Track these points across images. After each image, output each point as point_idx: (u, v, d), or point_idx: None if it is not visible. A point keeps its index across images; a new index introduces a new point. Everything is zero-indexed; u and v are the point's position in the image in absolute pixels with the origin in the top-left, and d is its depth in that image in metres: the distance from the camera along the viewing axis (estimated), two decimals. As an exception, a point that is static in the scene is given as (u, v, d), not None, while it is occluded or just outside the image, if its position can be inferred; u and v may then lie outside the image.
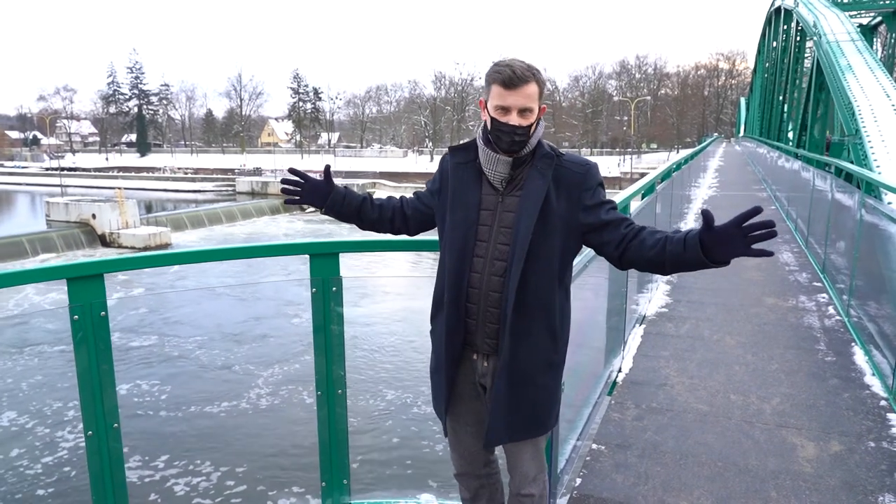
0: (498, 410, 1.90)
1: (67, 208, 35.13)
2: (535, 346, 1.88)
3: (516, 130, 1.82)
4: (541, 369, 1.90)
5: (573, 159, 1.91)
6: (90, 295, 2.17)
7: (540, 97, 1.86)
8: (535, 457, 2.04)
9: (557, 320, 1.90)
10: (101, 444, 2.25)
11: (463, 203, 1.91)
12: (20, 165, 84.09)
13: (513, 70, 1.79)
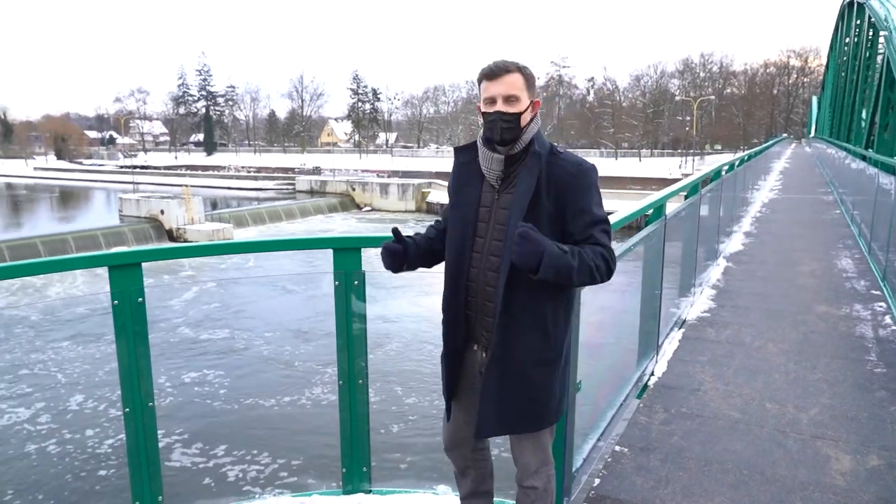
0: (487, 403, 1.96)
1: (138, 204, 36.90)
2: (526, 341, 1.92)
3: (503, 116, 1.86)
4: (533, 365, 1.94)
5: (569, 158, 1.93)
6: (129, 282, 2.34)
7: (528, 89, 1.90)
8: (536, 450, 2.08)
9: (549, 317, 1.93)
10: (137, 420, 2.42)
11: (463, 201, 1.99)
12: (97, 163, 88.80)
13: (494, 63, 1.89)
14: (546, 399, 2.00)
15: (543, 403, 2.00)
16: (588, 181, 1.91)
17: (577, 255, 1.82)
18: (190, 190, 37.32)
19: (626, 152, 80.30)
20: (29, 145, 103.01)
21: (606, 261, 1.87)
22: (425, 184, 46.85)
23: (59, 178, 75.06)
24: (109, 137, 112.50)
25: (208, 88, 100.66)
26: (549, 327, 1.94)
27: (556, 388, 2.02)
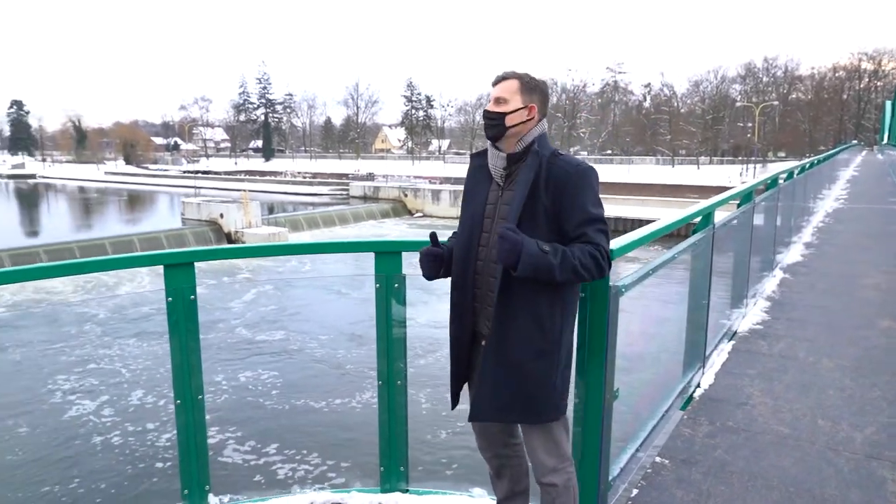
0: (482, 388, 2.08)
1: (199, 208, 38.29)
2: (521, 331, 2.03)
3: (486, 114, 2.09)
4: (529, 355, 2.03)
5: (568, 160, 2.05)
6: (182, 280, 2.47)
7: (523, 93, 2.07)
8: (547, 446, 2.14)
9: (545, 309, 2.03)
10: (188, 412, 2.54)
11: (473, 200, 2.17)
12: (162, 168, 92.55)
13: (497, 75, 2.12)
14: (543, 391, 2.06)
15: (540, 395, 2.06)
16: (584, 181, 2.01)
17: (561, 253, 1.93)
18: (248, 194, 38.51)
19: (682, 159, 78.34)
20: (100, 151, 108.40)
21: (595, 259, 1.95)
22: (477, 190, 46.94)
23: (128, 182, 78.63)
24: (174, 144, 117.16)
25: (267, 96, 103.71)
26: (545, 319, 2.03)
27: (556, 382, 2.08)
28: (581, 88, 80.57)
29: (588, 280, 2.00)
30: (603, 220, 2.02)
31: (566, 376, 2.13)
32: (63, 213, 53.48)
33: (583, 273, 1.95)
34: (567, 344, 2.12)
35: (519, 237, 1.92)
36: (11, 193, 70.65)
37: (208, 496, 2.71)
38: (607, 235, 2.04)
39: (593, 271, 1.96)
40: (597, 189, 2.04)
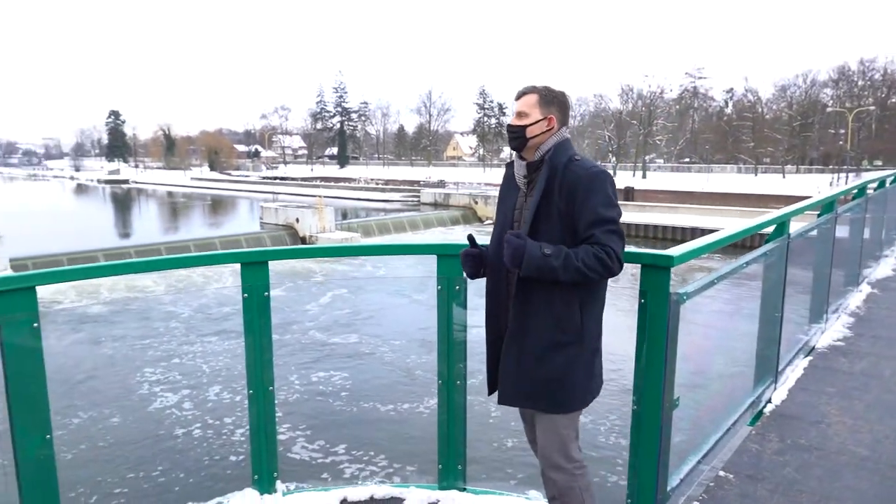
0: (505, 375, 2.26)
1: (277, 213, 39.78)
2: (538, 325, 2.18)
3: (508, 128, 2.28)
4: (547, 348, 2.17)
5: (582, 164, 2.18)
6: (257, 278, 2.63)
7: (542, 106, 2.24)
8: (552, 440, 2.24)
9: (559, 303, 2.16)
10: (259, 402, 2.70)
11: (504, 206, 2.36)
12: (243, 174, 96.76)
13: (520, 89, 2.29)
14: (564, 382, 2.18)
15: (560, 386, 2.19)
16: (594, 184, 2.13)
17: (564, 256, 2.08)
18: (323, 200, 39.67)
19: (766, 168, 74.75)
20: (187, 157, 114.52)
21: (601, 259, 2.07)
22: (547, 198, 46.41)
23: (211, 187, 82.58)
24: (255, 151, 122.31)
25: (343, 105, 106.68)
26: (560, 312, 2.16)
27: (575, 375, 2.19)
28: (658, 94, 78.20)
29: (596, 279, 2.11)
30: (613, 221, 2.12)
31: (591, 370, 2.23)
32: (153, 215, 56.78)
33: (588, 273, 2.07)
34: (590, 337, 2.21)
35: (522, 241, 2.11)
36: (108, 197, 75.60)
37: (276, 482, 2.86)
38: (619, 236, 2.12)
39: (599, 271, 2.07)
40: (609, 192, 2.14)
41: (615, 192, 2.18)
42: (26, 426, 2.31)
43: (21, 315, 2.25)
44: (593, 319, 2.23)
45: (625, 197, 47.17)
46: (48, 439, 2.38)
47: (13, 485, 2.37)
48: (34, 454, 2.35)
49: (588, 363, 2.22)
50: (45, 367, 2.35)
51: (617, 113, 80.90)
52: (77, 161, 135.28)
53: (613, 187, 2.17)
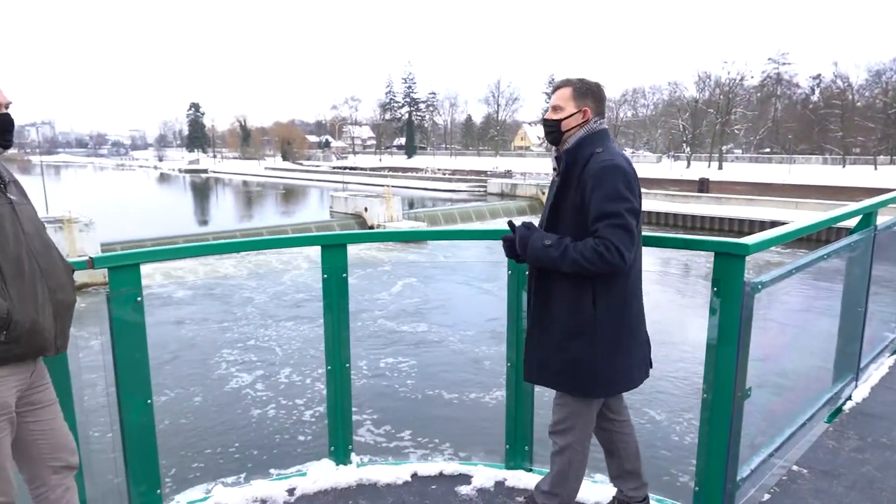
0: (530, 356, 2.41)
1: (346, 202, 40.72)
2: (553, 311, 2.30)
3: (545, 122, 2.35)
4: (563, 336, 2.28)
5: (599, 159, 2.21)
6: (336, 260, 2.78)
7: (576, 99, 2.29)
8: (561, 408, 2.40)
9: (573, 297, 2.24)
10: (336, 377, 2.85)
11: (548, 195, 2.44)
12: (314, 164, 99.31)
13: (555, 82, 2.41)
14: (578, 370, 2.27)
15: (576, 374, 2.29)
16: (603, 179, 2.16)
17: (563, 248, 2.17)
18: (391, 190, 40.29)
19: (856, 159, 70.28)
20: (262, 148, 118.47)
21: (599, 253, 2.12)
22: (617, 189, 45.35)
23: (284, 177, 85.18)
24: (325, 141, 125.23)
25: (412, 95, 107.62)
26: (575, 304, 2.24)
27: (592, 364, 2.26)
28: (738, 81, 74.62)
29: (596, 271, 2.16)
30: (617, 214, 2.13)
31: (611, 361, 2.28)
32: (229, 204, 59.22)
33: (586, 266, 2.14)
34: (606, 328, 2.25)
35: (528, 233, 2.27)
36: (188, 186, 79.31)
37: (351, 454, 3.02)
38: (623, 229, 2.14)
39: (597, 264, 2.13)
40: (617, 185, 2.15)
41: (628, 184, 2.17)
42: (131, 391, 2.55)
43: (127, 290, 2.48)
44: (610, 311, 2.25)
45: (699, 189, 45.54)
46: (149, 404, 2.61)
47: (119, 446, 2.62)
48: (137, 418, 2.59)
49: (605, 357, 2.26)
50: (146, 338, 2.58)
51: (692, 101, 77.85)
52: (160, 151, 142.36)
53: (626, 180, 2.17)
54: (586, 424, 2.40)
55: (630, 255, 2.16)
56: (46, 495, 2.12)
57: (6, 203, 1.97)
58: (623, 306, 2.29)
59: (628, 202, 2.16)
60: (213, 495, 2.80)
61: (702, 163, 71.47)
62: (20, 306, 1.92)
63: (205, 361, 13.57)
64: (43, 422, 2.10)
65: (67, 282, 2.12)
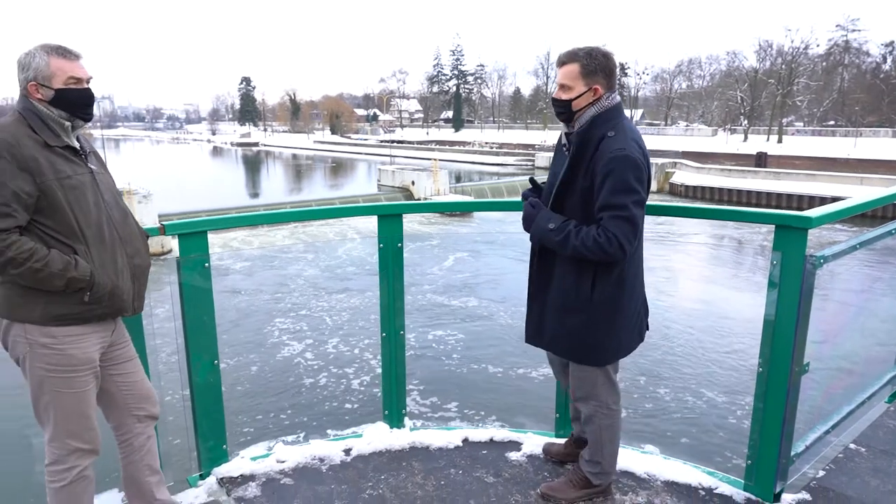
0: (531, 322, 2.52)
1: (393, 175, 40.98)
2: (556, 286, 2.36)
3: (554, 102, 2.29)
4: (564, 308, 2.35)
5: (610, 144, 2.16)
6: (392, 230, 2.85)
7: (584, 76, 2.20)
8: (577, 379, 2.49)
9: (572, 274, 2.29)
10: (391, 344, 2.95)
11: (552, 171, 2.43)
12: (362, 138, 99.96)
13: (560, 54, 2.27)
14: (578, 340, 2.36)
15: (575, 342, 2.37)
16: (613, 170, 2.13)
17: (566, 233, 2.21)
18: (438, 163, 40.30)
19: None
20: (311, 121, 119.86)
21: (599, 244, 2.14)
22: (670, 164, 44.23)
23: (332, 150, 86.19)
24: (373, 115, 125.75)
25: (460, 68, 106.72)
26: (571, 281, 2.30)
27: (591, 335, 2.33)
28: (801, 50, 70.97)
29: (595, 259, 2.20)
30: (623, 206, 2.12)
31: (608, 332, 2.33)
32: (279, 177, 60.36)
33: (585, 254, 2.18)
34: (606, 301, 2.29)
35: (535, 211, 2.33)
36: (239, 159, 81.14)
37: (404, 418, 3.12)
38: (627, 221, 2.14)
39: (597, 254, 2.16)
40: (626, 177, 2.12)
41: (638, 176, 2.15)
42: (199, 351, 2.69)
43: (196, 255, 2.61)
44: (607, 294, 2.29)
45: (756, 163, 43.92)
46: (216, 365, 2.76)
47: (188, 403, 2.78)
48: (205, 377, 2.74)
49: (603, 329, 2.33)
50: (213, 302, 2.71)
51: (752, 71, 74.58)
52: (213, 125, 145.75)
53: (637, 172, 2.14)
54: (605, 389, 2.47)
55: (631, 247, 2.18)
56: (131, 441, 2.30)
57: (87, 172, 2.09)
58: (621, 288, 2.32)
59: (637, 194, 2.15)
60: (275, 452, 2.95)
61: (760, 136, 68.76)
62: (101, 270, 2.05)
63: (259, 330, 14.04)
64: (127, 374, 2.25)
65: (143, 247, 2.25)
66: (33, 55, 1.99)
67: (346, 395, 10.81)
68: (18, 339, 2.01)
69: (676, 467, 2.79)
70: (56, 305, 2.00)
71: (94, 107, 2.12)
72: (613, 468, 2.59)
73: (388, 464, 2.89)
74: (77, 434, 2.10)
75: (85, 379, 2.09)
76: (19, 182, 1.89)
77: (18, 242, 1.89)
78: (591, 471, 2.56)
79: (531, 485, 2.70)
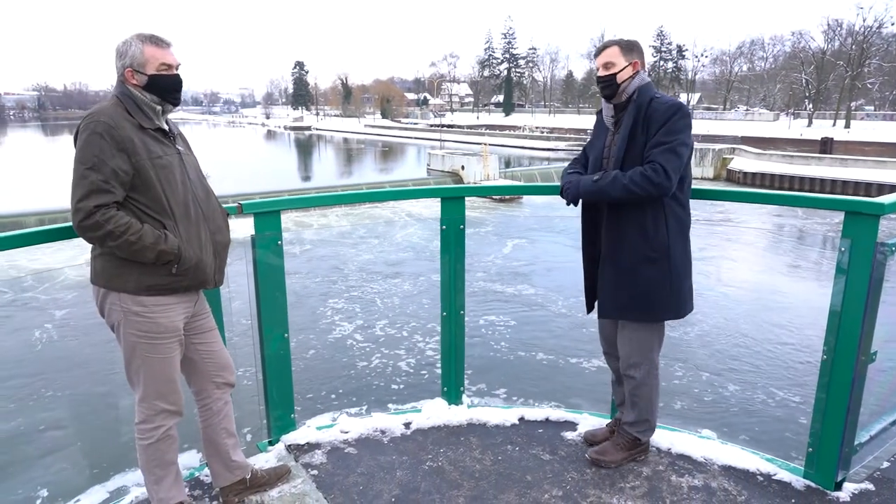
0: (603, 290, 2.61)
1: (443, 159, 41.03)
2: (629, 240, 2.48)
3: (599, 79, 2.55)
4: (638, 261, 2.47)
5: (662, 100, 2.44)
6: (455, 212, 2.92)
7: (624, 54, 2.50)
8: (633, 342, 2.61)
9: (649, 222, 2.44)
10: (451, 323, 3.03)
11: (595, 146, 2.66)
12: (412, 122, 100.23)
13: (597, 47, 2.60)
14: (655, 294, 2.49)
15: (653, 297, 2.50)
16: (669, 117, 2.37)
17: (613, 176, 2.40)
18: (488, 148, 40.15)
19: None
20: (362, 106, 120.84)
21: (646, 176, 2.34)
22: (728, 149, 42.79)
23: (383, 134, 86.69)
24: (423, 99, 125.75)
25: (511, 51, 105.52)
26: (650, 230, 2.45)
27: (665, 288, 2.48)
28: (874, 30, 67.16)
29: (644, 195, 2.36)
30: (671, 142, 2.34)
31: (680, 284, 2.50)
32: (330, 160, 61.19)
33: (633, 189, 2.36)
34: (678, 254, 2.49)
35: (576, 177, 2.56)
36: (292, 143, 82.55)
37: (462, 395, 3.22)
38: (675, 153, 2.34)
39: (645, 186, 2.35)
40: (678, 123, 2.37)
41: (688, 122, 2.40)
42: (271, 324, 2.84)
43: (269, 233, 2.74)
44: (680, 240, 2.49)
45: (821, 149, 42.10)
46: (286, 338, 2.90)
47: (260, 373, 2.94)
48: (275, 349, 2.89)
49: (676, 281, 2.49)
50: (285, 278, 2.85)
51: (819, 53, 71.16)
52: (267, 109, 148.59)
53: (687, 118, 2.40)
54: (657, 349, 2.65)
55: (676, 177, 2.36)
56: (210, 406, 2.46)
57: (175, 153, 2.23)
58: (686, 234, 2.53)
59: (685, 136, 2.38)
60: (339, 423, 3.09)
61: (826, 121, 65.73)
62: (188, 244, 2.20)
63: (314, 310, 14.42)
64: (207, 344, 2.41)
65: (224, 224, 2.39)
66: (129, 44, 2.13)
67: (396, 376, 11.04)
68: (114, 306, 2.18)
69: (734, 452, 2.79)
70: (147, 276, 2.16)
71: (181, 91, 2.25)
72: (656, 420, 2.80)
73: (447, 438, 2.99)
74: (164, 396, 2.27)
75: (171, 345, 2.25)
76: (118, 161, 2.04)
77: (116, 217, 2.04)
78: (640, 429, 2.74)
79: (587, 463, 2.76)
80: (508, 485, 2.63)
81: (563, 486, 2.61)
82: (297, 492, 2.57)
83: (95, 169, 2.02)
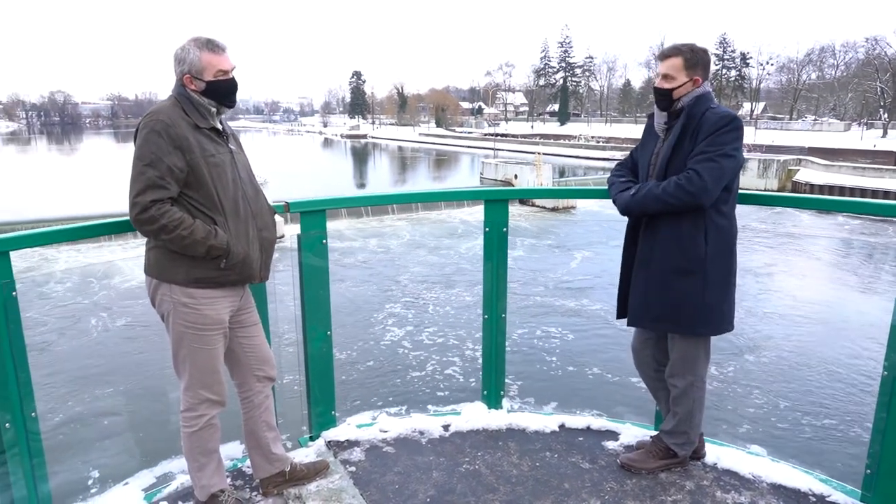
0: (635, 298, 2.54)
1: (496, 168, 40.99)
2: (664, 249, 2.42)
3: (656, 91, 2.49)
4: (669, 271, 2.42)
5: (717, 111, 2.37)
6: (498, 215, 2.92)
7: (687, 68, 2.42)
8: (676, 352, 2.54)
9: (686, 233, 2.37)
10: (493, 325, 3.03)
11: (644, 151, 2.61)
12: (467, 131, 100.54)
13: (662, 49, 2.51)
14: (688, 306, 2.41)
15: (685, 309, 2.42)
16: (717, 126, 2.31)
17: (648, 188, 2.39)
18: (541, 157, 39.85)
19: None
20: (417, 114, 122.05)
21: (679, 185, 2.30)
22: (794, 161, 41.09)
23: (437, 143, 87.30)
24: (478, 108, 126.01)
25: (568, 60, 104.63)
26: (686, 240, 2.38)
27: (700, 301, 2.39)
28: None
29: (677, 205, 2.32)
30: (713, 152, 2.27)
31: (722, 297, 2.41)
32: (385, 168, 62.06)
33: (667, 199, 2.33)
34: (717, 267, 2.39)
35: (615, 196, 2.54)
36: (348, 151, 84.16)
37: (502, 400, 3.20)
38: (715, 163, 2.27)
39: (679, 195, 2.30)
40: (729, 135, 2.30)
41: (739, 135, 2.34)
42: (315, 322, 2.90)
43: (315, 233, 2.80)
44: (720, 252, 2.39)
45: None
46: (329, 335, 2.95)
47: (303, 369, 3.00)
48: (319, 346, 2.94)
49: (713, 295, 2.40)
50: (329, 276, 2.90)
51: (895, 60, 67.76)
52: (325, 118, 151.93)
53: (737, 130, 2.34)
54: (703, 362, 2.56)
55: (715, 187, 2.28)
56: (251, 398, 2.53)
57: (227, 152, 2.31)
58: (730, 247, 2.43)
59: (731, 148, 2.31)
60: (378, 422, 3.11)
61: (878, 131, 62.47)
62: (236, 240, 2.27)
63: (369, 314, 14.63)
64: (251, 338, 2.48)
65: (271, 222, 2.46)
66: (188, 50, 2.23)
67: (439, 380, 11.09)
68: (165, 297, 2.27)
69: (785, 470, 2.68)
70: (197, 269, 2.24)
71: (236, 94, 2.34)
72: (697, 437, 2.68)
73: (485, 442, 2.97)
74: (208, 386, 2.34)
75: (216, 337, 2.32)
76: (173, 158, 2.13)
77: (170, 212, 2.13)
78: (677, 441, 2.64)
79: (627, 474, 2.69)
80: (545, 492, 2.59)
81: (601, 496, 2.55)
82: (334, 487, 2.60)
83: (152, 165, 2.12)
